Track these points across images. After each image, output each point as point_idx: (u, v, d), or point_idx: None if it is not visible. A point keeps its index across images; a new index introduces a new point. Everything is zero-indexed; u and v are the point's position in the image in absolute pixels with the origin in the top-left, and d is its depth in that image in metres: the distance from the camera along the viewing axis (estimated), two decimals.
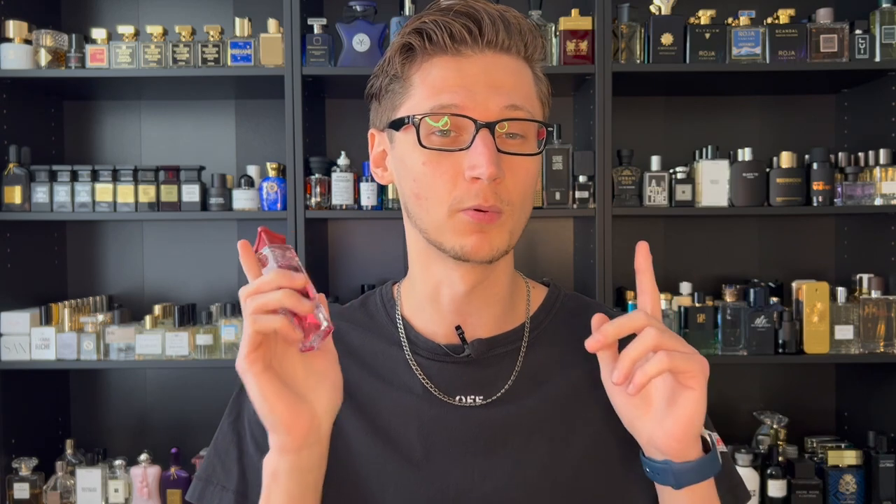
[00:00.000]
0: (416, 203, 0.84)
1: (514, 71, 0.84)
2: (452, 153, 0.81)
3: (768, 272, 2.54)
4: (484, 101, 0.81)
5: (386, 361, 0.92)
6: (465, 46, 0.82)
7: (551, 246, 2.56)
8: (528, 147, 0.84)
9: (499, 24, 0.82)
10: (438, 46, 0.82)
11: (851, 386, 2.47)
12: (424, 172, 0.82)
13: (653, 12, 2.22)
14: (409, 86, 0.84)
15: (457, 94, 0.81)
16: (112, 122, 2.58)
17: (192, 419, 2.54)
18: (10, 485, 2.22)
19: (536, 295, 0.96)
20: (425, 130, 0.82)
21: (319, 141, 2.48)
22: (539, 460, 0.86)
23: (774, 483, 2.19)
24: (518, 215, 0.84)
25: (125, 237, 2.58)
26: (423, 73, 0.83)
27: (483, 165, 0.79)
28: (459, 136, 0.82)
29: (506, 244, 0.84)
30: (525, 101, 0.84)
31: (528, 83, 0.86)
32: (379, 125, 0.89)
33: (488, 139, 0.80)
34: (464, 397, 0.89)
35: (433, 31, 0.82)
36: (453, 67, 0.82)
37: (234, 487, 0.90)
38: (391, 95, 0.86)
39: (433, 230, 0.84)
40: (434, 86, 0.82)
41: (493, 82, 0.82)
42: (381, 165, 0.91)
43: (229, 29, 2.28)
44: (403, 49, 0.84)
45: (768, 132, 2.55)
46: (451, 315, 0.90)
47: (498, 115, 0.81)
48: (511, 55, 0.84)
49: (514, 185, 0.82)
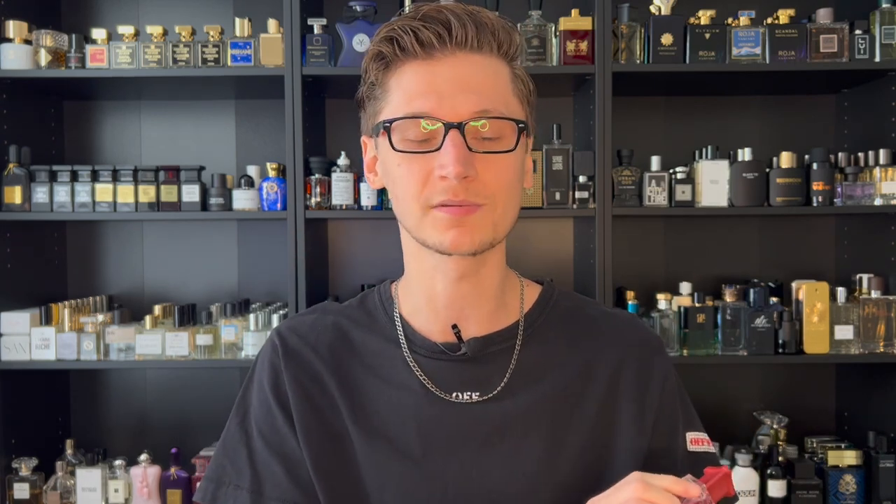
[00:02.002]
0: (396, 205, 0.88)
1: (487, 70, 0.85)
2: (425, 155, 0.83)
3: (768, 272, 2.54)
4: (453, 103, 0.83)
5: (385, 359, 0.93)
6: (434, 50, 0.84)
7: (551, 246, 2.56)
8: (503, 145, 0.85)
9: (468, 25, 0.84)
10: (409, 52, 0.84)
11: (851, 386, 2.47)
12: (400, 174, 0.85)
13: (653, 12, 2.22)
14: (387, 91, 0.87)
15: (428, 99, 0.83)
16: (112, 122, 2.58)
17: (192, 419, 2.54)
18: (10, 485, 2.22)
19: (530, 293, 0.97)
20: (398, 135, 0.84)
21: (319, 141, 2.48)
22: (536, 456, 0.87)
23: (774, 483, 2.19)
24: (502, 209, 0.85)
25: (125, 237, 2.58)
26: (398, 79, 0.86)
27: (450, 165, 0.81)
28: (432, 139, 0.83)
29: (490, 236, 0.85)
30: (499, 102, 0.85)
31: (502, 82, 0.87)
32: (367, 131, 0.92)
33: (458, 139, 0.82)
34: (461, 394, 0.90)
35: (401, 37, 0.84)
36: (425, 71, 0.84)
37: (248, 486, 0.91)
38: (373, 102, 0.89)
39: (414, 228, 0.87)
40: (408, 92, 0.84)
41: (463, 85, 0.83)
42: (372, 171, 0.94)
43: (229, 29, 2.28)
44: (377, 57, 0.87)
45: (768, 132, 2.55)
46: (446, 312, 0.91)
47: (468, 117, 0.83)
48: (483, 54, 0.85)
49: (493, 180, 0.84)
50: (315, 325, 0.96)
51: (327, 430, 0.90)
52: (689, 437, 0.94)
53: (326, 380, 0.92)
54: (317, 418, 0.90)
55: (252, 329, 2.23)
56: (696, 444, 0.94)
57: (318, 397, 0.91)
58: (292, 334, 0.96)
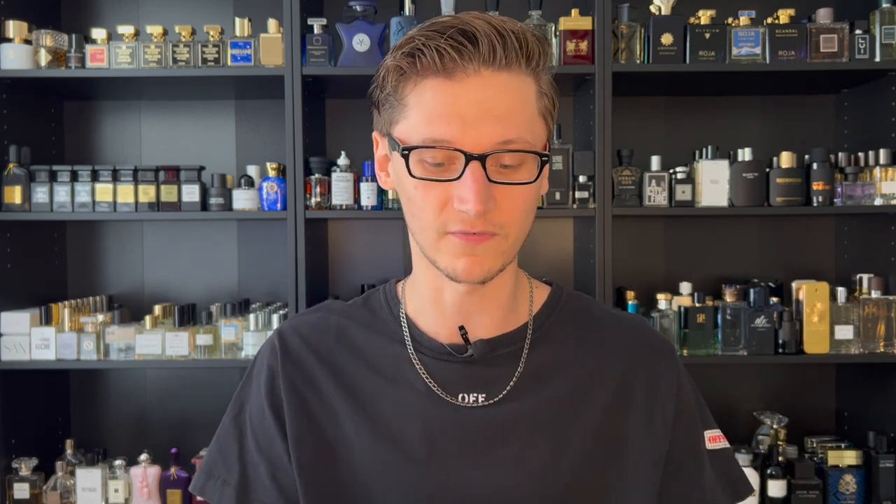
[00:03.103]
0: (410, 220, 0.86)
1: (513, 92, 0.81)
2: (443, 182, 0.80)
3: (768, 272, 2.54)
4: (477, 133, 0.78)
5: (389, 359, 0.92)
6: (458, 67, 0.79)
7: (551, 246, 2.56)
8: (524, 173, 0.81)
9: (495, 41, 0.78)
10: (430, 68, 0.79)
11: (851, 386, 2.47)
12: (415, 196, 0.82)
13: (653, 12, 2.22)
14: (405, 106, 0.82)
15: (450, 126, 0.78)
16: (112, 122, 2.58)
17: (192, 419, 2.54)
18: (10, 485, 2.22)
19: (539, 294, 0.96)
20: (416, 157, 0.80)
21: (319, 141, 2.48)
22: (541, 460, 0.87)
23: (774, 483, 2.19)
24: (513, 238, 0.84)
25: (125, 237, 2.58)
26: (418, 95, 0.81)
27: (471, 202, 0.78)
28: (451, 165, 0.80)
29: (499, 264, 0.84)
30: (524, 129, 0.81)
31: (528, 104, 0.82)
32: (381, 130, 0.89)
33: (479, 173, 0.78)
34: (466, 396, 0.89)
35: (422, 52, 0.79)
36: (448, 92, 0.79)
37: (235, 483, 0.91)
38: (389, 109, 0.84)
39: (427, 249, 0.85)
40: (428, 113, 0.80)
41: (487, 111, 0.79)
42: (384, 169, 0.91)
43: (229, 29, 2.28)
44: (396, 71, 0.82)
45: (768, 132, 2.55)
46: (454, 315, 0.90)
47: (491, 148, 0.79)
48: (511, 72, 0.80)
49: (510, 209, 0.81)
50: (318, 325, 0.95)
51: (320, 438, 0.89)
52: (706, 435, 0.96)
53: (325, 383, 0.91)
54: (310, 425, 0.90)
55: (252, 329, 2.23)
56: (713, 441, 0.96)
57: (314, 403, 0.90)
58: (294, 335, 0.95)
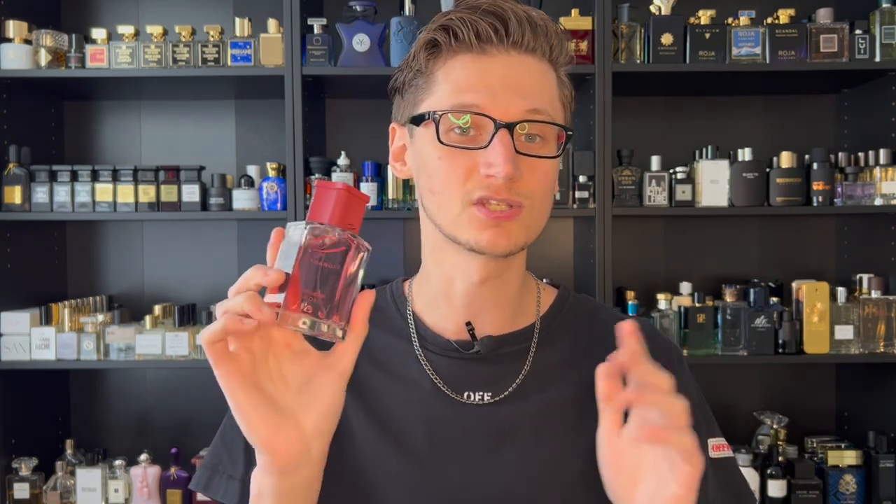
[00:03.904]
0: (430, 199, 0.85)
1: (538, 73, 0.84)
2: (469, 151, 0.82)
3: (768, 272, 2.54)
4: (505, 101, 0.81)
5: (394, 356, 0.92)
6: (490, 45, 0.82)
7: (551, 246, 2.56)
8: (547, 149, 0.84)
9: (525, 25, 0.83)
10: (463, 44, 0.83)
11: (851, 386, 2.47)
12: (440, 167, 0.83)
13: (653, 12, 2.22)
14: (433, 82, 0.85)
15: (479, 93, 0.81)
16: (112, 122, 2.58)
17: (192, 419, 2.54)
18: (10, 485, 2.22)
19: (547, 296, 0.97)
20: (445, 127, 0.82)
21: (319, 141, 2.48)
22: (545, 459, 0.87)
23: (774, 483, 2.19)
24: (538, 213, 0.85)
25: (125, 237, 2.58)
26: (447, 70, 0.84)
27: (500, 164, 0.79)
28: (479, 135, 0.82)
29: (523, 239, 0.84)
30: (547, 105, 0.84)
31: (551, 86, 0.86)
32: (400, 119, 0.90)
33: (507, 139, 0.80)
34: (472, 394, 0.89)
35: (459, 28, 0.82)
36: (477, 66, 0.82)
37: (241, 476, 0.91)
38: (414, 90, 0.86)
39: (448, 224, 0.84)
40: (457, 83, 0.83)
41: (515, 84, 0.82)
42: (400, 160, 0.92)
43: (229, 29, 2.28)
44: (429, 45, 0.85)
45: (768, 132, 2.55)
46: (463, 311, 0.90)
47: (519, 117, 0.81)
48: (535, 57, 0.84)
49: (534, 183, 0.82)
50: None
51: None
52: (710, 443, 0.94)
53: None
54: None
55: None
56: (716, 450, 0.95)
57: None
58: None
